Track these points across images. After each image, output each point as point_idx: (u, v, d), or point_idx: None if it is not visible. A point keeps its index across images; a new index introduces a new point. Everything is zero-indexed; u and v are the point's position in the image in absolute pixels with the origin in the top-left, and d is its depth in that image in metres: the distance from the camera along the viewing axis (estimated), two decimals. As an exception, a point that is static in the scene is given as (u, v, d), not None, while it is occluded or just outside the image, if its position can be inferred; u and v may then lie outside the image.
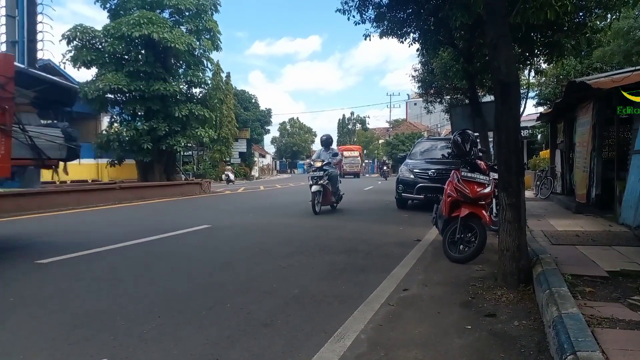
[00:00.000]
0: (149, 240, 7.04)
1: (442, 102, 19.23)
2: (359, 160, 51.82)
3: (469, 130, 6.12)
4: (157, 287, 4.44)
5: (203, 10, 20.53)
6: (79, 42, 18.92)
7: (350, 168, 48.68)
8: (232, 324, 3.38)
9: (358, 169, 50.29)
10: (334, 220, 9.61)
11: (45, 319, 3.50)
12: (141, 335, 3.15)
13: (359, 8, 9.96)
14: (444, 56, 13.12)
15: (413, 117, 69.99)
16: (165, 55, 19.69)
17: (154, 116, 19.31)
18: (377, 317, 3.49)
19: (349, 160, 48.88)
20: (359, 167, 50.78)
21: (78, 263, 5.49)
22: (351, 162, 49.34)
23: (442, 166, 10.46)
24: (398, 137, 55.01)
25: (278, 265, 5.28)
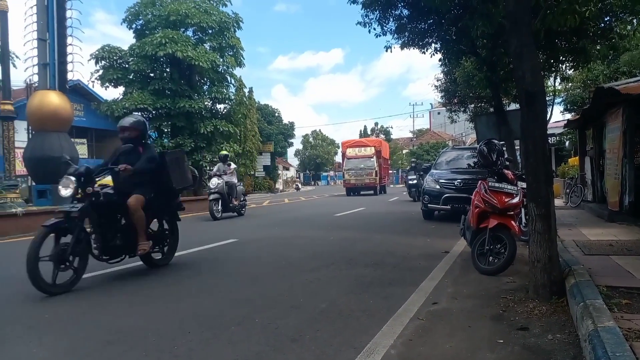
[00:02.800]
0: (178, 255, 7.12)
1: (466, 111, 19.05)
2: (375, 164, 28.81)
3: (495, 139, 6.06)
4: (187, 302, 4.49)
5: (226, 27, 20.91)
6: (107, 61, 19.52)
7: (359, 178, 28.84)
8: (261, 339, 3.39)
9: (373, 179, 28.70)
10: (360, 233, 9.57)
11: (80, 336, 3.57)
12: (172, 352, 3.19)
13: (379, 20, 10.03)
14: (467, 65, 13.04)
15: (437, 127, 69.51)
16: (190, 72, 20.09)
17: (180, 133, 19.67)
18: (407, 331, 3.45)
19: (354, 164, 29.18)
20: (374, 176, 28.67)
21: (108, 279, 5.59)
22: (359, 168, 29.03)
23: (468, 176, 10.34)
24: (422, 146, 54.69)
25: (305, 279, 5.29)
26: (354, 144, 31.07)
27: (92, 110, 23.34)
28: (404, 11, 10.04)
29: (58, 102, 13.08)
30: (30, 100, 13.51)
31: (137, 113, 19.46)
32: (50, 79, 13.63)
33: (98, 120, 24.44)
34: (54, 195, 12.40)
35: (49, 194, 12.40)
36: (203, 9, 20.08)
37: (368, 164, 28.98)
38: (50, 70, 13.71)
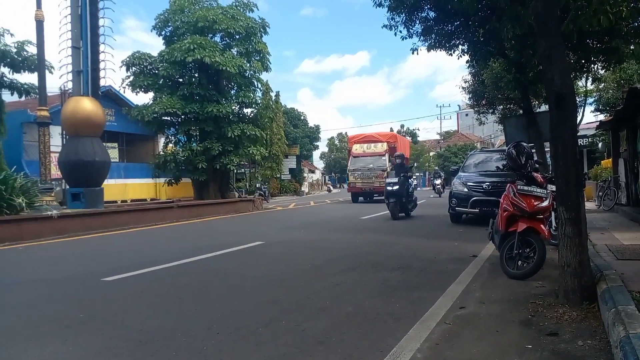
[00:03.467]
0: (206, 257, 7.25)
1: (495, 113, 18.77)
2: (387, 163, 22.92)
3: (524, 142, 5.98)
4: (215, 303, 4.58)
5: (252, 32, 21.13)
6: (137, 68, 19.99)
7: (367, 181, 23.45)
8: (288, 341, 3.43)
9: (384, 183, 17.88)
10: (386, 236, 9.54)
11: (113, 335, 3.68)
12: (202, 352, 3.26)
13: (405, 23, 9.99)
14: (495, 67, 12.87)
15: (465, 128, 68.61)
16: (218, 77, 20.38)
17: (208, 137, 19.96)
18: (434, 335, 3.44)
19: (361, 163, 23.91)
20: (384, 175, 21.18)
21: (140, 280, 5.74)
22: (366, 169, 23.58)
23: (497, 179, 10.20)
24: (450, 149, 54.04)
25: (331, 282, 5.31)
26: (363, 139, 25.01)
27: (123, 115, 23.91)
28: (430, 13, 9.98)
29: (91, 108, 13.46)
30: (64, 107, 13.93)
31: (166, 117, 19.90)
32: (84, 85, 14.03)
33: (128, 125, 25.01)
34: (87, 198, 12.77)
35: (82, 196, 12.76)
36: (230, 15, 20.35)
37: (378, 164, 23.05)
38: (84, 77, 14.11)
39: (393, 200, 12.92)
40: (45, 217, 10.31)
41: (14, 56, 17.98)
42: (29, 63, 18.27)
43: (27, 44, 18.37)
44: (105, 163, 13.86)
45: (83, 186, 12.89)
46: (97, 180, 13.39)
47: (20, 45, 18.34)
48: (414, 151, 61.51)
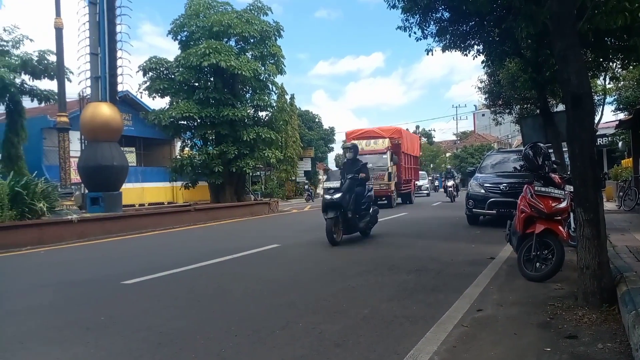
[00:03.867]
0: (223, 260, 7.32)
1: (512, 113, 18.60)
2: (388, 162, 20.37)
3: (541, 142, 5.93)
4: (232, 306, 4.62)
5: (267, 36, 21.25)
6: (154, 72, 20.24)
7: None
8: (305, 343, 3.46)
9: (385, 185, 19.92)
10: (402, 238, 9.52)
11: (133, 337, 3.75)
12: (220, 354, 3.30)
13: (420, 24, 9.96)
14: (511, 66, 12.76)
15: (481, 129, 68.01)
16: (233, 81, 20.54)
17: (224, 140, 20.12)
18: (451, 338, 3.43)
19: None
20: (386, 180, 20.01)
21: (159, 283, 5.81)
22: None
23: (514, 180, 10.10)
24: (466, 149, 53.58)
25: (347, 285, 5.33)
26: (362, 135, 21.85)
27: (140, 120, 24.22)
28: (444, 14, 9.94)
29: (109, 113, 13.68)
30: (83, 112, 14.18)
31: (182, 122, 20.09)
32: (102, 91, 14.27)
33: (145, 129, 25.32)
34: (106, 202, 12.97)
35: (101, 201, 12.97)
36: (245, 19, 20.49)
37: (379, 163, 19.82)
38: (102, 82, 14.35)
39: (332, 214, 8.47)
40: (65, 221, 10.50)
41: (34, 64, 18.38)
42: (48, 70, 18.66)
43: (48, 53, 18.78)
44: (123, 167, 14.07)
45: (102, 190, 13.10)
46: (115, 185, 13.60)
47: (41, 54, 18.73)
48: (429, 152, 61.06)
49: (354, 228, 9.11)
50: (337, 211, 8.54)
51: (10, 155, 18.08)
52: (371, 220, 9.64)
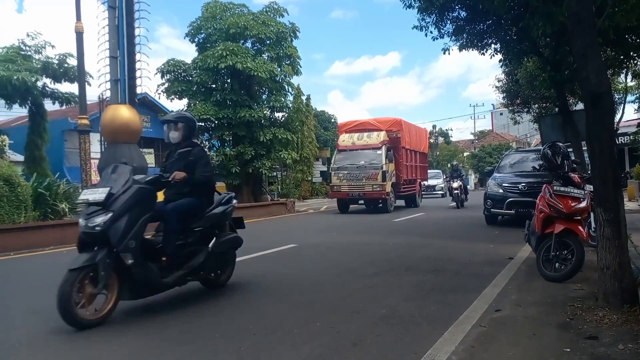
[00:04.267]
0: (241, 259, 7.35)
1: (530, 112, 18.40)
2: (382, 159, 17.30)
3: (560, 141, 5.87)
4: (250, 305, 4.67)
5: (283, 37, 21.34)
6: (172, 75, 20.47)
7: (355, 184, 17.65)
8: (323, 342, 3.49)
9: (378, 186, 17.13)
10: (419, 238, 9.49)
11: (154, 336, 3.82)
12: (239, 353, 3.35)
13: (436, 24, 9.93)
14: (529, 65, 12.65)
15: (499, 128, 67.28)
16: (249, 83, 20.68)
17: (241, 141, 20.26)
18: (469, 338, 3.43)
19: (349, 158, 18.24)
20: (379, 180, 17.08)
21: (179, 283, 5.88)
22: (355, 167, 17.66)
23: (533, 179, 10.00)
24: (484, 149, 53.01)
25: (364, 285, 5.35)
26: (355, 127, 19.19)
27: (158, 121, 24.55)
28: (461, 13, 9.90)
29: (129, 115, 13.85)
30: (103, 115, 14.39)
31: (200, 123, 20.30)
32: (121, 93, 14.45)
33: (161, 130, 25.67)
34: (126, 203, 13.16)
35: (121, 201, 13.15)
36: (261, 20, 20.61)
37: (372, 160, 17.17)
38: (121, 85, 14.53)
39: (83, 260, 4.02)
40: (87, 221, 10.68)
41: (55, 68, 18.77)
42: (69, 73, 19.04)
43: (68, 56, 19.15)
44: (143, 169, 14.21)
45: (122, 191, 13.28)
46: (135, 185, 13.79)
47: (62, 58, 19.12)
48: (446, 152, 60.52)
49: (154, 285, 4.49)
50: (100, 252, 4.11)
51: (34, 156, 18.50)
52: (217, 261, 5.18)
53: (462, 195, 19.01)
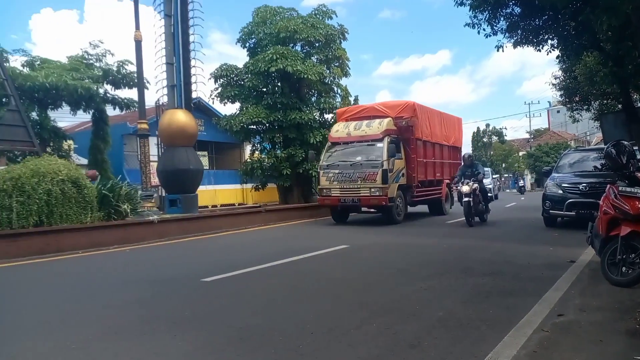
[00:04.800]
0: (294, 259, 7.50)
1: (590, 110, 17.60)
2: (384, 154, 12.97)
3: (624, 140, 5.60)
4: (306, 304, 4.76)
5: (332, 39, 21.45)
6: (225, 79, 21.02)
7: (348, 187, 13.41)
8: (380, 343, 3.51)
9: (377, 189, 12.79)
10: (475, 241, 9.29)
11: (215, 332, 3.96)
12: (298, 350, 3.42)
13: (489, 20, 9.72)
14: (589, 60, 12.13)
15: (556, 126, 64.65)
16: (299, 85, 20.91)
17: (291, 143, 20.52)
18: (530, 343, 3.35)
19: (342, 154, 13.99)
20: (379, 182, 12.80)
21: (236, 281, 6.07)
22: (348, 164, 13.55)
23: (595, 179, 9.57)
24: (541, 148, 51.02)
25: (419, 287, 5.31)
26: (355, 115, 15.57)
27: (212, 125, 25.27)
28: (515, 9, 9.64)
29: (185, 119, 14.38)
30: (161, 119, 15.00)
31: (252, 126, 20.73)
32: (178, 98, 15.00)
33: (216, 134, 26.36)
34: (184, 203, 13.66)
35: (179, 202, 13.66)
36: (310, 23, 20.80)
37: (370, 156, 13.33)
38: (177, 90, 15.08)
39: None
40: (147, 222, 11.16)
41: (115, 74, 19.73)
42: (127, 80, 19.97)
43: (127, 63, 20.08)
44: (198, 171, 14.74)
45: (179, 193, 13.78)
46: (191, 187, 14.28)
47: (120, 64, 20.07)
48: (501, 151, 58.68)
49: None
50: None
51: (97, 160, 19.53)
52: None
53: (481, 205, 12.55)
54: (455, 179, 12.85)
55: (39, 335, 4.07)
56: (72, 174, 9.99)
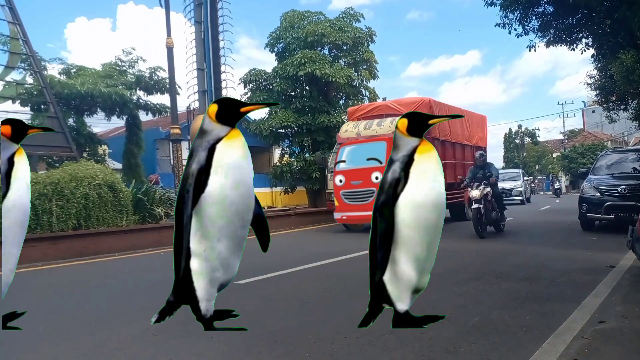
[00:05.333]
0: (325, 263, 7.52)
1: (628, 109, 17.07)
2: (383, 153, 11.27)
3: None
4: (339, 307, 4.76)
5: (359, 42, 21.44)
6: (254, 84, 21.27)
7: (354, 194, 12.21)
8: (415, 348, 3.48)
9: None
10: (509, 244, 9.12)
11: (250, 334, 3.98)
12: (332, 354, 3.43)
13: (520, 20, 9.59)
14: (625, 59, 11.79)
15: (592, 126, 62.89)
16: (327, 88, 20.98)
17: (320, 147, 20.58)
18: (570, 350, 3.27)
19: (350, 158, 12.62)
20: None
21: (268, 284, 6.12)
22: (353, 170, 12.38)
23: (634, 181, 9.28)
24: (576, 149, 49.64)
25: (453, 292, 5.24)
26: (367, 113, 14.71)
27: (241, 129, 25.39)
28: (547, 8, 9.48)
29: (215, 124, 14.59)
30: (192, 124, 15.26)
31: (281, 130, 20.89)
32: (208, 104, 15.25)
33: (246, 138, 25.76)
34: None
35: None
36: (338, 27, 20.85)
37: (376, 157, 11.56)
38: (208, 96, 15.34)
39: None
40: (179, 225, 11.37)
41: (147, 80, 20.20)
42: (159, 86, 20.42)
43: (159, 69, 20.54)
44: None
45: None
46: (222, 191, 14.47)
47: (152, 71, 20.53)
48: (534, 153, 57.36)
49: None
50: None
51: (130, 164, 20.01)
52: None
53: (495, 212, 10.68)
54: (465, 182, 10.95)
55: (81, 335, 4.20)
56: (108, 178, 10.28)
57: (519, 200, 24.57)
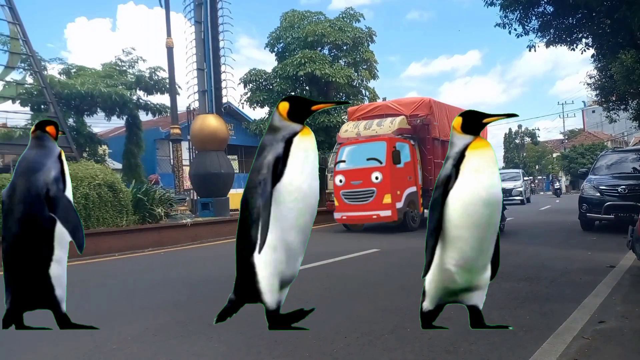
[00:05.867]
0: (325, 263, 7.51)
1: (628, 109, 17.08)
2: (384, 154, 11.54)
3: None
4: (340, 308, 4.76)
5: (360, 42, 21.47)
6: (254, 84, 21.29)
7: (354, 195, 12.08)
8: (415, 348, 3.49)
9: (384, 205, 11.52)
10: (509, 244, 9.10)
11: (250, 334, 3.99)
12: (332, 354, 3.44)
13: (520, 20, 9.59)
14: (625, 59, 11.80)
15: (592, 126, 62.89)
16: (327, 88, 21.00)
17: (320, 147, 20.53)
18: (570, 350, 3.27)
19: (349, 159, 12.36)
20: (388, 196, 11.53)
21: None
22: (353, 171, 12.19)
23: (634, 181, 9.28)
24: (576, 149, 49.65)
25: (453, 291, 5.24)
26: (367, 113, 14.52)
27: (241, 129, 25.63)
28: (547, 8, 9.48)
29: (216, 124, 14.60)
30: (192, 124, 15.29)
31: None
32: (209, 103, 15.27)
33: (246, 138, 26.67)
34: (216, 207, 13.87)
35: (211, 206, 13.88)
36: (338, 27, 20.88)
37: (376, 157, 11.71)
38: (208, 96, 15.35)
39: None
40: (180, 225, 11.39)
41: (147, 80, 20.20)
42: (159, 86, 20.42)
43: (159, 69, 20.54)
44: (230, 175, 14.96)
45: (211, 196, 14.01)
46: (223, 191, 14.50)
47: (152, 71, 20.53)
48: (534, 153, 57.36)
49: None
50: None
51: (130, 164, 20.02)
52: None
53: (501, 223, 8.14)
54: None
55: (81, 335, 4.18)
56: (108, 178, 10.28)
57: (519, 200, 24.80)
